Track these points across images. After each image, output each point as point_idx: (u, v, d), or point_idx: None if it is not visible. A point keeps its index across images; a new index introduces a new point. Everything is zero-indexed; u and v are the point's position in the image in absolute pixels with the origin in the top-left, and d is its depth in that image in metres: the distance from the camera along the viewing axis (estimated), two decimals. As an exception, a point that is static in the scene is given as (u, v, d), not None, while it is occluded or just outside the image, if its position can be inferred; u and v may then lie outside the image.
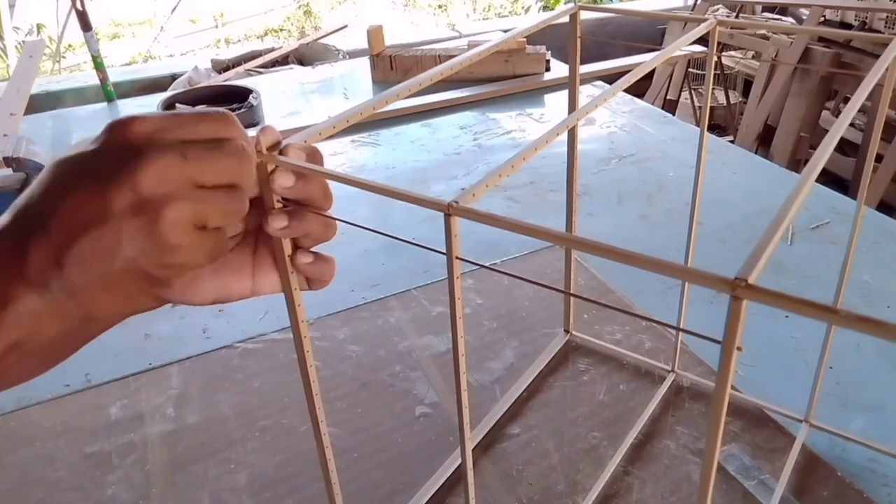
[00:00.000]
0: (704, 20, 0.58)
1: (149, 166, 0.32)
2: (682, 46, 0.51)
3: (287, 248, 0.40)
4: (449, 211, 0.33)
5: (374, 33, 1.72)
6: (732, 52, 3.14)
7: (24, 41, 4.07)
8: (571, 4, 0.62)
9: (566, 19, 0.62)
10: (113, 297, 0.34)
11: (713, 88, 3.29)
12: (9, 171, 1.10)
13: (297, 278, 0.42)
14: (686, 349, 0.79)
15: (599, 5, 2.27)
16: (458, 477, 0.65)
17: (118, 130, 0.33)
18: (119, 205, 0.32)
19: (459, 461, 0.66)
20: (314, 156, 0.39)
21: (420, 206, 0.34)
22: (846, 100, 2.95)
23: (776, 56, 2.70)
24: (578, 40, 0.63)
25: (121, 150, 0.33)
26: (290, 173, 0.37)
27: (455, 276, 0.36)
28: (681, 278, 0.27)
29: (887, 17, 2.62)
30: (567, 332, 0.82)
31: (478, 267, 0.95)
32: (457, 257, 0.35)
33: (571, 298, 0.81)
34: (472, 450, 0.68)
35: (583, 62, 0.68)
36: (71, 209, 0.32)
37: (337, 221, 0.40)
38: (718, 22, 0.58)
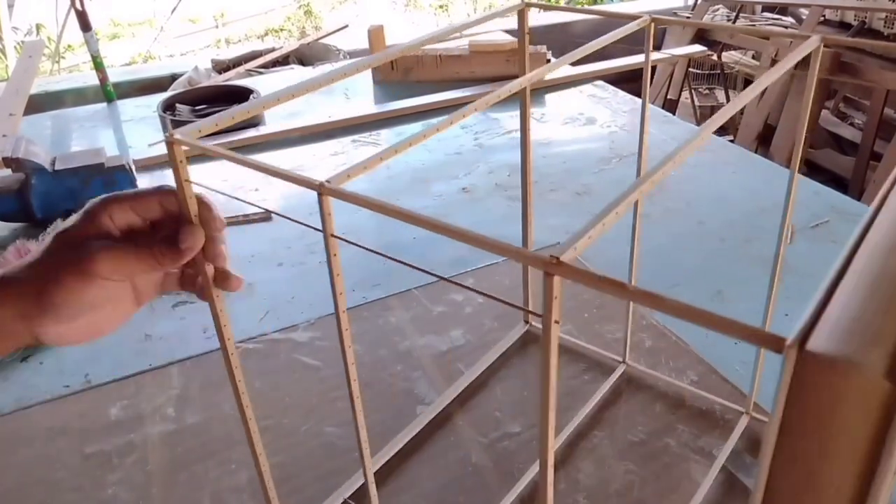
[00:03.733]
0: (638, 17, 0.57)
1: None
2: (609, 40, 0.52)
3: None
4: (321, 190, 0.35)
5: (375, 33, 1.72)
6: (732, 52, 3.13)
7: (23, 41, 4.07)
8: (519, 1, 0.61)
9: (514, 18, 0.62)
10: None
11: (714, 88, 3.30)
12: (8, 171, 1.10)
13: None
14: (686, 348, 0.79)
15: (551, 4, 2.25)
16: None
17: None
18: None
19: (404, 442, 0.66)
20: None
21: (297, 184, 0.36)
22: (846, 99, 2.95)
23: (776, 55, 2.70)
24: (527, 37, 0.63)
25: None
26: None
27: (332, 253, 0.38)
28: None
29: (886, 16, 2.62)
30: (526, 322, 0.82)
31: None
32: (332, 235, 0.38)
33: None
34: (473, 447, 0.68)
35: (583, 61, 0.68)
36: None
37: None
38: (653, 20, 0.58)
